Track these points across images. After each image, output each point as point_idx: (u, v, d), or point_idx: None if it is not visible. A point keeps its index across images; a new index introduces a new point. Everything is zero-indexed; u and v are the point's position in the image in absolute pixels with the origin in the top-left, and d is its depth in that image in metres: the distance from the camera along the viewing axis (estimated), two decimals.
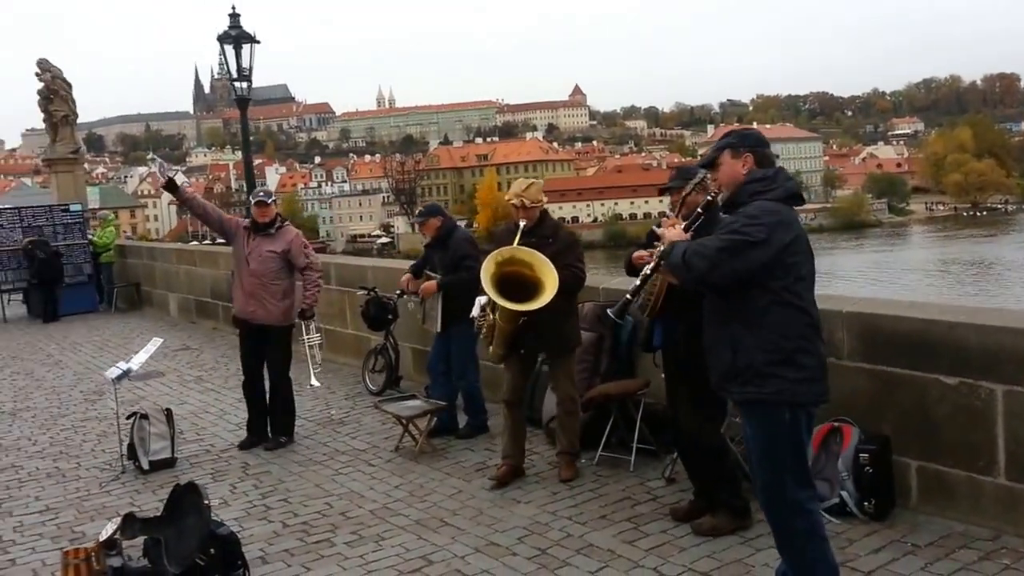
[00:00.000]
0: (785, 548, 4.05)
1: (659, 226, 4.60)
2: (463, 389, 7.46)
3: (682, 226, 4.30)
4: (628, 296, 4.55)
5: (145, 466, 6.92)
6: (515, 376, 6.34)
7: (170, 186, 7.48)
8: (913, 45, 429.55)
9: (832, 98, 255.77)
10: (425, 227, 7.55)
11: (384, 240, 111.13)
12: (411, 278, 7.81)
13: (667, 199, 5.38)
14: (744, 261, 3.81)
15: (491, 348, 6.33)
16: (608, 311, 4.65)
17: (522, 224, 6.24)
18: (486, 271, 6.04)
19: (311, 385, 7.98)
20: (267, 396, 7.72)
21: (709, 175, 4.60)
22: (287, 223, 7.76)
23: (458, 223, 7.95)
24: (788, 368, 3.85)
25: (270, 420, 7.68)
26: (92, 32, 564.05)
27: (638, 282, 4.53)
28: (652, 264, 4.40)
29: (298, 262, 7.52)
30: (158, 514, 5.24)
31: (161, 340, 7.77)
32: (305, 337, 7.78)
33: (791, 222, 3.90)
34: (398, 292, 8.29)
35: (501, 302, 6.00)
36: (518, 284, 6.00)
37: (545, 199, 6.32)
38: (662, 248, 4.25)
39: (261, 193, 7.73)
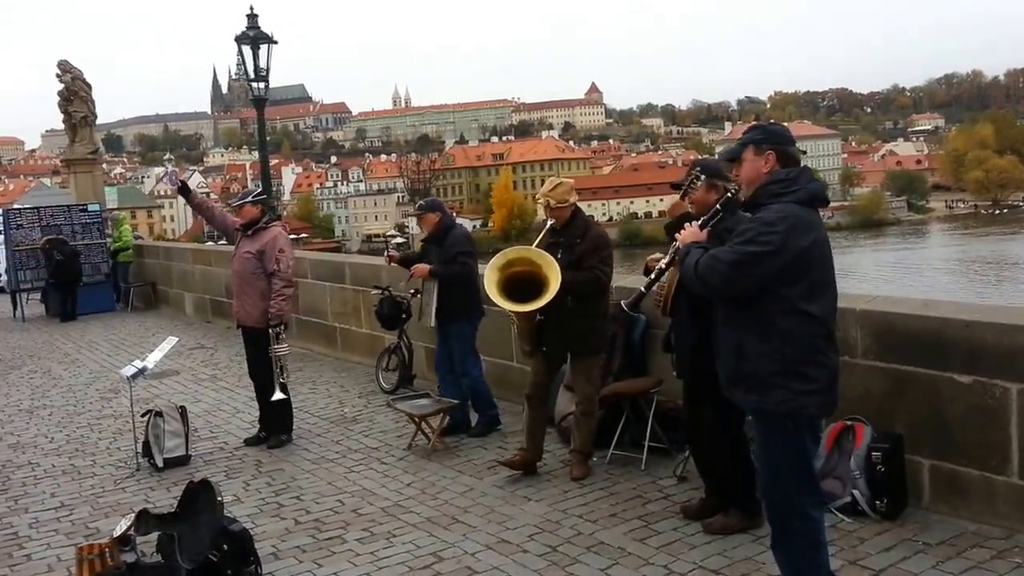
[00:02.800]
0: (778, 546, 4.02)
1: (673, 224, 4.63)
2: (467, 386, 7.44)
3: (698, 224, 4.28)
4: (642, 289, 4.64)
5: (159, 463, 6.97)
6: (537, 373, 6.36)
7: (183, 190, 7.78)
8: (934, 40, 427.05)
9: (851, 94, 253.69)
10: (424, 221, 7.57)
11: (399, 240, 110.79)
12: (396, 258, 7.88)
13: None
14: (757, 273, 3.75)
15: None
16: (622, 303, 4.69)
17: (550, 223, 6.27)
18: (489, 280, 6.09)
19: (271, 400, 7.58)
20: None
21: (703, 178, 4.64)
22: (273, 224, 7.67)
23: (457, 222, 7.98)
24: (795, 380, 3.77)
25: (266, 419, 7.68)
26: (111, 33, 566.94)
27: (652, 276, 4.62)
28: (666, 260, 4.42)
29: (267, 266, 7.38)
30: (172, 510, 5.28)
31: (176, 339, 7.85)
32: (274, 346, 7.44)
33: (809, 227, 3.79)
34: (412, 291, 8.32)
35: (506, 305, 6.06)
36: (529, 282, 6.03)
37: (574, 199, 6.28)
38: (677, 246, 4.26)
39: (240, 196, 7.87)
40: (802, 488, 3.91)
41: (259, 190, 8.33)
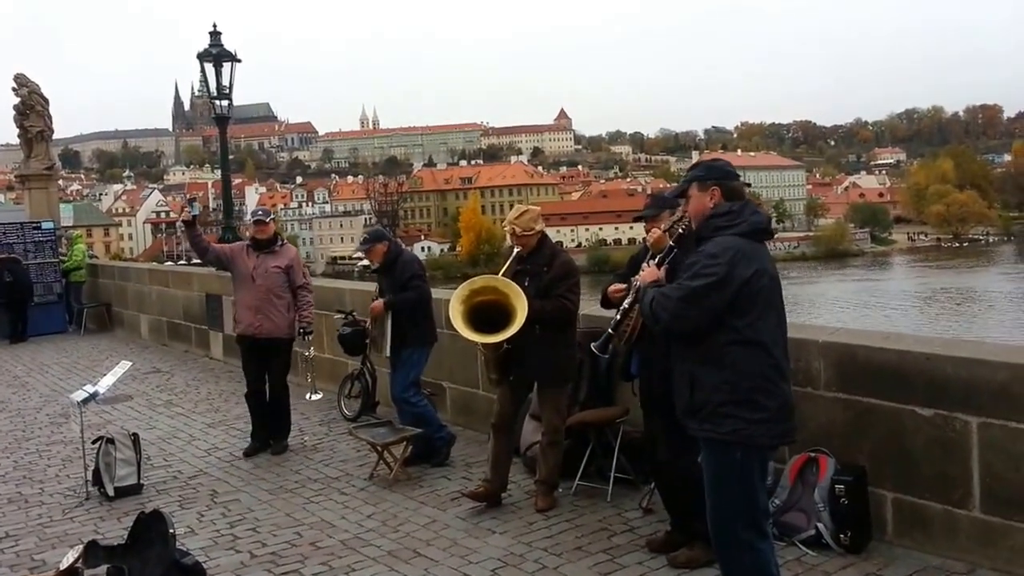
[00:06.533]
0: None
1: (639, 255, 4.61)
2: (410, 414, 7.25)
3: (655, 262, 4.33)
4: (610, 331, 4.66)
5: (110, 492, 6.78)
6: (503, 402, 6.27)
7: (190, 223, 7.96)
8: (896, 75, 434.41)
9: (815, 127, 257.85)
10: (372, 253, 7.52)
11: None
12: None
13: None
14: (706, 306, 3.82)
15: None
16: (592, 345, 4.70)
17: (516, 251, 6.20)
18: (454, 311, 6.01)
19: (309, 397, 8.45)
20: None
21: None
22: (286, 242, 8.29)
23: (404, 247, 8.04)
24: (745, 408, 3.82)
25: (270, 425, 8.03)
26: (70, 47, 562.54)
27: (618, 317, 4.66)
28: (630, 299, 4.44)
29: (296, 279, 7.96)
30: (122, 542, 5.14)
31: (130, 363, 7.73)
32: (306, 353, 8.25)
33: (753, 257, 3.87)
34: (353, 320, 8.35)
35: (472, 337, 5.99)
36: (496, 311, 5.95)
37: (540, 226, 6.22)
38: (638, 285, 4.28)
39: (260, 212, 8.27)
40: (748, 521, 3.93)
41: (265, 208, 8.83)
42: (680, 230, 4.33)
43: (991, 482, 4.70)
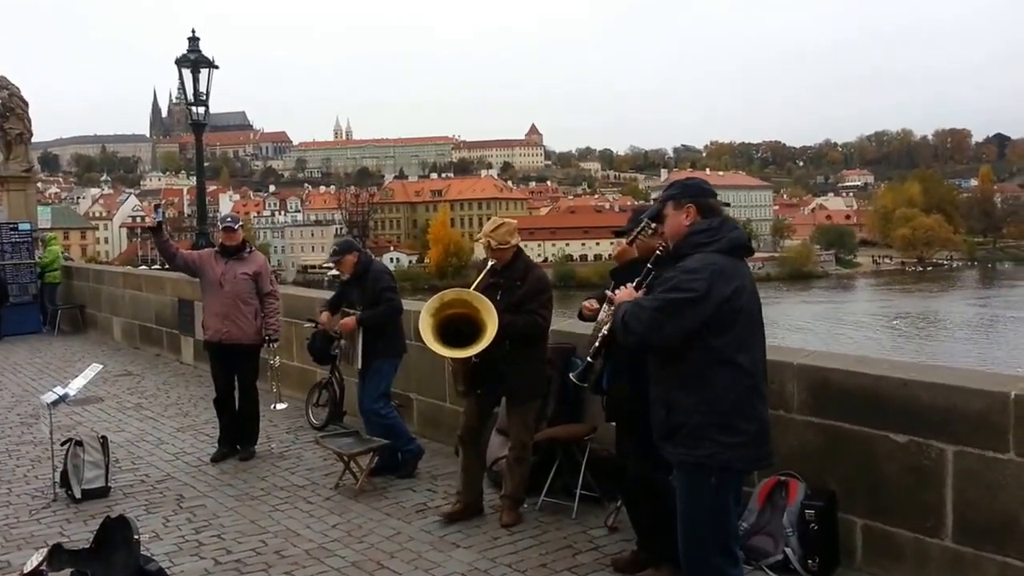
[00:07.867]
0: None
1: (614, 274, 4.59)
2: (380, 426, 7.22)
3: (632, 285, 4.27)
4: (589, 359, 4.54)
5: (77, 495, 6.72)
6: (470, 415, 6.25)
7: (157, 229, 7.96)
8: (865, 98, 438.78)
9: (784, 147, 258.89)
10: (342, 264, 7.51)
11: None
12: (329, 315, 7.75)
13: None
14: (682, 320, 3.75)
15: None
16: (571, 375, 4.65)
17: (491, 263, 6.17)
18: (424, 324, 5.95)
19: (274, 407, 8.41)
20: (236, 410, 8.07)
21: (655, 226, 4.59)
22: (254, 249, 8.28)
23: (373, 257, 8.04)
24: (723, 432, 3.76)
25: (239, 431, 8.01)
26: (51, 51, 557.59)
27: (596, 344, 4.51)
28: (608, 325, 4.39)
29: (263, 286, 7.95)
30: (87, 546, 5.08)
31: (101, 366, 7.69)
32: (272, 361, 8.21)
33: (733, 274, 3.81)
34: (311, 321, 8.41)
35: (441, 352, 5.95)
36: (466, 324, 5.93)
37: (516, 240, 6.17)
38: (614, 309, 4.24)
39: (229, 219, 8.27)
40: (721, 547, 3.90)
41: (234, 215, 8.87)
42: (658, 251, 4.32)
43: (965, 511, 4.66)
